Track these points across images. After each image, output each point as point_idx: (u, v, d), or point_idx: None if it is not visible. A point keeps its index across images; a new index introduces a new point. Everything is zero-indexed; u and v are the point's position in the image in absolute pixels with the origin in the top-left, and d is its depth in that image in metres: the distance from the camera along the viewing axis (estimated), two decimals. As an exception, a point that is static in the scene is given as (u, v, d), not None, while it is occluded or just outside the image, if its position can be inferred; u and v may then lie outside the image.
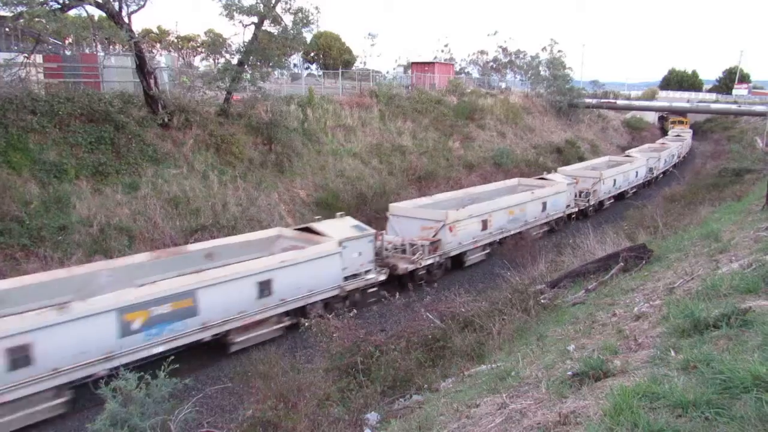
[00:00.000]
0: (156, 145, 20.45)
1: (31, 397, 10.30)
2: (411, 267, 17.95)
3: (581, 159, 42.56)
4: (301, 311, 14.58)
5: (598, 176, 30.36)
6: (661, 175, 42.01)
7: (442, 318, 11.18)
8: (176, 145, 21.37)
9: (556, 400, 4.62)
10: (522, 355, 7.22)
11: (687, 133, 61.13)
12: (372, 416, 7.61)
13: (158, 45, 58.63)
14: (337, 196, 24.99)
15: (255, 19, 23.35)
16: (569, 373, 5.14)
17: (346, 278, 15.82)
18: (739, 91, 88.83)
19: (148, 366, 11.43)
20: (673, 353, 4.84)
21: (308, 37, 27.93)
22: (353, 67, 56.82)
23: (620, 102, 62.94)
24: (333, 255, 15.32)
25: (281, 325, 14.37)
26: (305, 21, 24.40)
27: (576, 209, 28.58)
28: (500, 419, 4.72)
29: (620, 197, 33.71)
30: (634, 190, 36.11)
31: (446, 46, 69.99)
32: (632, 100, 70.50)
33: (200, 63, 54.34)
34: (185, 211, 19.41)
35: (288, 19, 24.21)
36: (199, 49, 58.23)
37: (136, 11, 20.29)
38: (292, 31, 24.29)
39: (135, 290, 11.75)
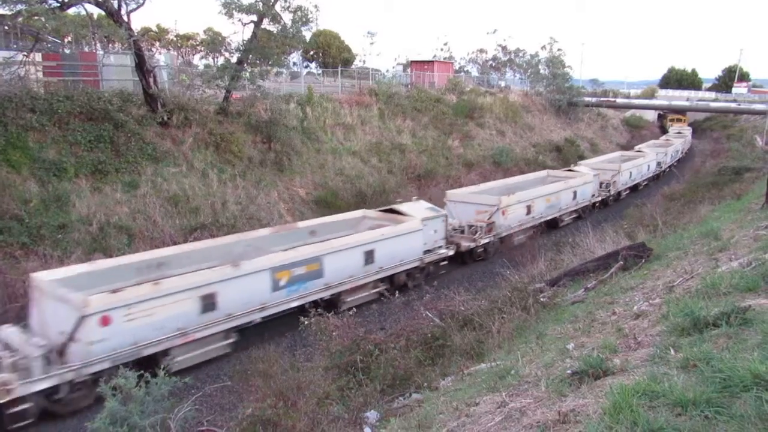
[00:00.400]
0: (155, 143, 20.42)
1: (211, 337, 12.72)
2: (472, 245, 20.48)
3: (581, 158, 42.54)
4: (390, 279, 17.17)
5: (617, 169, 32.86)
6: (668, 169, 43.81)
7: (442, 316, 11.18)
8: (175, 144, 21.35)
9: (556, 399, 4.62)
10: (521, 354, 7.22)
11: (687, 130, 62.25)
12: (371, 415, 7.61)
13: (157, 43, 58.60)
14: (337, 195, 24.99)
15: (254, 18, 23.32)
16: (569, 371, 5.14)
17: (425, 252, 18.18)
18: (739, 89, 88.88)
19: (282, 318, 14.01)
20: (672, 352, 4.84)
21: (307, 35, 27.90)
22: (352, 66, 56.80)
23: (620, 100, 62.99)
24: (417, 231, 17.76)
25: (376, 289, 16.78)
26: (304, 19, 24.38)
27: (599, 198, 31.04)
28: (500, 418, 4.72)
29: (634, 188, 36.26)
30: (646, 182, 38.70)
31: (445, 44, 69.78)
32: (632, 98, 70.63)
33: (199, 61, 54.37)
34: (185, 210, 19.40)
35: (287, 18, 24.21)
36: (199, 48, 58.20)
37: (135, 9, 20.28)
38: (291, 30, 24.26)
39: (283, 254, 14.36)
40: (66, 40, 32.22)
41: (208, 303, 12.46)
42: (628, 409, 3.57)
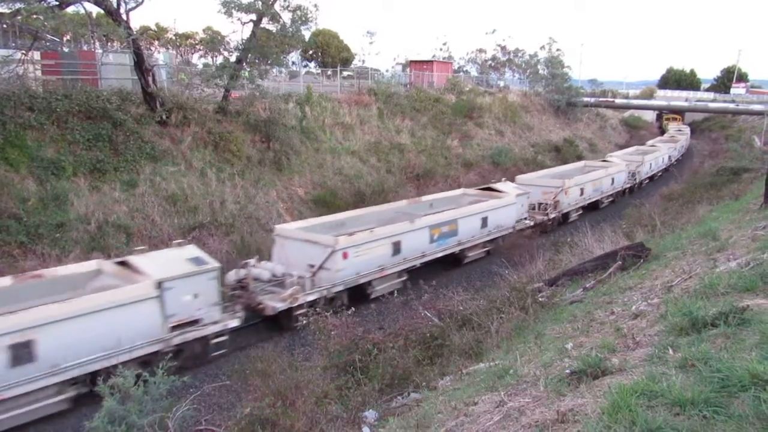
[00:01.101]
0: (154, 142, 20.40)
1: (394, 273, 17.51)
2: (544, 218, 25.53)
3: (579, 158, 42.65)
4: (492, 242, 22.02)
5: (641, 160, 37.59)
6: (675, 162, 47.28)
7: (441, 316, 11.16)
8: (174, 143, 21.33)
9: (555, 398, 4.62)
10: (520, 353, 7.21)
11: (685, 128, 64.12)
12: (370, 414, 7.61)
13: (156, 42, 58.49)
14: (336, 194, 24.99)
15: (253, 17, 23.31)
16: (567, 371, 5.13)
17: (516, 221, 23.11)
18: (737, 90, 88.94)
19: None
20: (671, 352, 4.84)
21: (307, 34, 27.88)
22: (351, 65, 56.74)
23: (618, 101, 63.09)
24: (513, 205, 22.72)
25: (483, 249, 21.88)
26: (304, 19, 24.38)
27: (629, 185, 35.57)
28: (498, 417, 4.72)
29: (651, 178, 40.63)
30: (660, 173, 42.80)
31: (445, 44, 69.81)
32: (630, 99, 70.69)
33: (198, 60, 54.31)
34: (183, 209, 19.39)
35: (286, 17, 24.21)
36: (198, 47, 58.06)
37: (134, 8, 20.28)
38: (290, 29, 24.26)
39: (438, 214, 19.41)
40: (65, 39, 32.17)
41: (396, 248, 17.23)
42: (626, 409, 3.57)
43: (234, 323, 13.29)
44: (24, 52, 18.70)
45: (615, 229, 18.76)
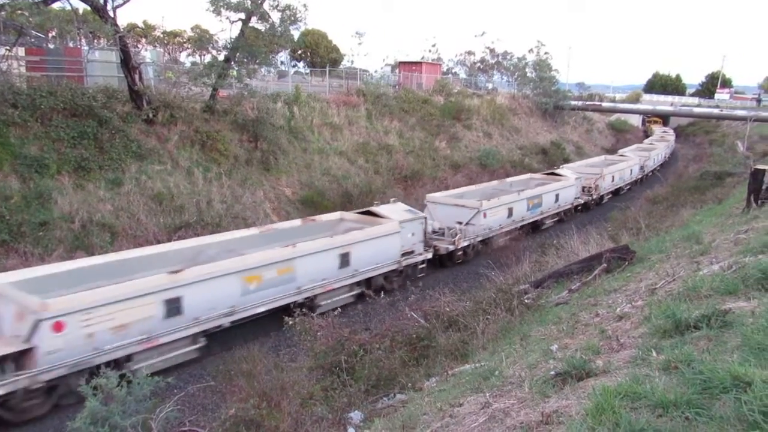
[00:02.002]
0: (140, 140, 20.21)
1: (504, 233, 23.15)
2: (589, 198, 31.53)
3: (566, 160, 42.94)
4: (558, 214, 28.25)
5: (648, 156, 44.44)
6: (667, 159, 53.81)
7: (427, 317, 11.17)
8: (161, 141, 21.15)
9: (539, 400, 4.64)
10: (505, 355, 7.24)
11: (670, 131, 68.51)
12: (355, 415, 7.60)
13: (144, 40, 58.06)
14: (323, 195, 24.93)
15: (242, 16, 23.22)
16: (552, 372, 5.16)
17: (574, 198, 29.84)
18: (721, 95, 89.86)
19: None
20: (654, 353, 4.87)
21: (296, 34, 27.81)
22: (340, 66, 56.64)
23: (605, 104, 63.53)
24: (573, 186, 29.12)
25: (553, 220, 27.67)
26: (293, 18, 24.34)
27: (640, 176, 41.61)
28: (483, 418, 4.73)
29: (653, 171, 45.75)
30: (658, 167, 48.40)
31: (434, 46, 69.58)
32: (617, 102, 71.14)
33: (186, 59, 53.95)
34: (169, 208, 19.22)
35: (275, 16, 24.14)
36: (186, 45, 57.71)
37: (121, 5, 20.08)
38: (279, 29, 24.20)
39: (530, 190, 25.22)
40: (50, 35, 31.80)
41: (510, 212, 23.12)
42: (610, 411, 3.59)
43: (428, 256, 19.02)
44: (8, 48, 18.45)
45: (600, 232, 18.90)
